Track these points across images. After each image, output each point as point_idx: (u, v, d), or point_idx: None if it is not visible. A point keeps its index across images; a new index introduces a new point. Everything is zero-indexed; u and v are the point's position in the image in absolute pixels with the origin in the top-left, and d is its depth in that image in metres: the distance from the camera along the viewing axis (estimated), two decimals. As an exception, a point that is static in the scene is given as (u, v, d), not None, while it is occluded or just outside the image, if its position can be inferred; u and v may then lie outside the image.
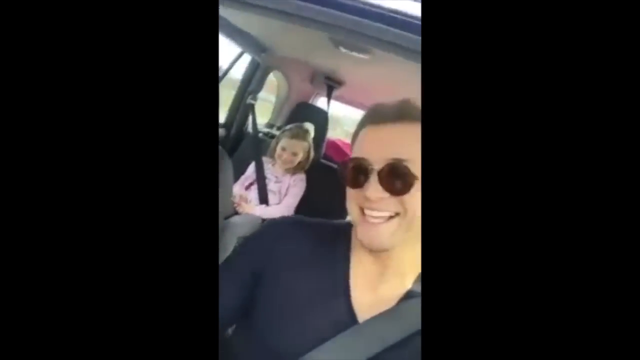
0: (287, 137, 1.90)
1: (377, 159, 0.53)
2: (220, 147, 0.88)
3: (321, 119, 2.11)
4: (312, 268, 0.59)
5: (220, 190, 0.85)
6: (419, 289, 0.57)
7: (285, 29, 1.34)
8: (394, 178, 0.52)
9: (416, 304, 0.55)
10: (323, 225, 0.65)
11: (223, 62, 1.93)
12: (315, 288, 0.58)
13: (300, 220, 0.66)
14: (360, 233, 0.55)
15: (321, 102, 2.40)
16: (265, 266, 0.60)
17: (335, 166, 1.94)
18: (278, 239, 0.62)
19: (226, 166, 0.90)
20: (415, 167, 0.52)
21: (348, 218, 0.60)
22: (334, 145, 2.37)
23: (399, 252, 0.56)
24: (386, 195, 0.52)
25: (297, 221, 0.66)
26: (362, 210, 0.55)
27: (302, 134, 1.92)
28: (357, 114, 2.44)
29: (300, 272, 0.59)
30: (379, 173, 0.52)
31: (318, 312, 0.56)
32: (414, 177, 0.52)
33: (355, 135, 0.60)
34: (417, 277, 0.58)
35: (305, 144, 1.92)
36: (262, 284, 0.60)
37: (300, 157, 1.90)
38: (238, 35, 1.55)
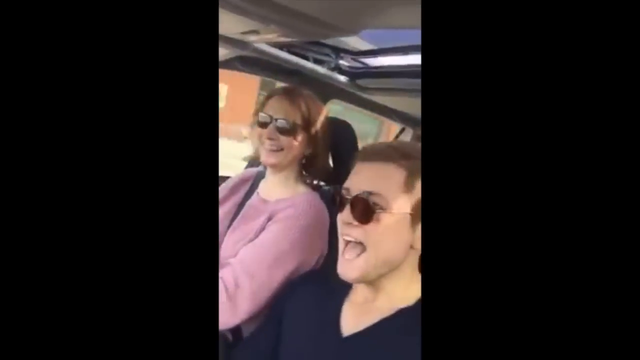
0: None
1: (355, 190, 0.61)
2: None
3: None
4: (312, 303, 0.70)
5: None
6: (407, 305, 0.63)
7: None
8: (361, 207, 0.60)
9: (405, 318, 0.61)
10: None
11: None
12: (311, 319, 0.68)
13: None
14: (339, 267, 0.63)
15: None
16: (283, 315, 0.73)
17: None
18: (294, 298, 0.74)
19: None
20: (385, 202, 0.59)
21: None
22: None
23: (390, 285, 0.64)
24: (354, 222, 0.60)
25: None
26: (346, 243, 0.63)
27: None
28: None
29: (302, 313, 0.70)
30: (351, 201, 0.61)
31: (310, 338, 0.66)
32: (379, 210, 0.59)
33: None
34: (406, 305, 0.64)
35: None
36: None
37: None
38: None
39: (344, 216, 0.62)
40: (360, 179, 0.63)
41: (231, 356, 0.74)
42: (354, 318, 0.65)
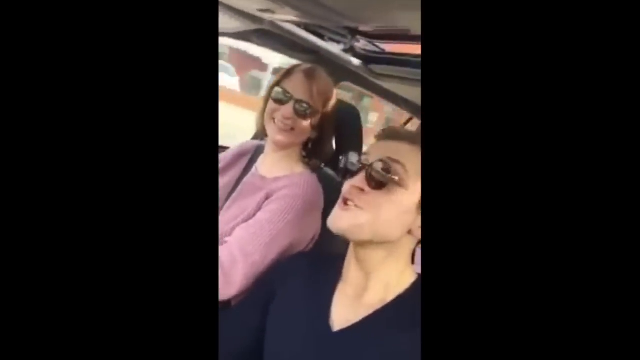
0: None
1: (376, 156, 0.60)
2: None
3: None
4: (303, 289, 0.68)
5: None
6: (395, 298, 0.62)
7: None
8: (378, 172, 0.58)
9: (392, 311, 0.60)
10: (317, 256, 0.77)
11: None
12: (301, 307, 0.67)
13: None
14: (330, 217, 0.61)
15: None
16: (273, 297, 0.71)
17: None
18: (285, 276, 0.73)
19: None
20: (403, 174, 0.57)
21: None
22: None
23: (382, 271, 0.62)
24: (366, 187, 0.58)
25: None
26: (345, 201, 0.60)
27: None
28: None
29: (292, 297, 0.68)
30: (369, 166, 0.59)
31: (300, 328, 0.64)
32: (395, 179, 0.57)
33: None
34: (398, 293, 0.63)
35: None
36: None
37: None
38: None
39: (356, 181, 0.59)
40: (383, 148, 0.61)
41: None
42: (344, 312, 0.63)
